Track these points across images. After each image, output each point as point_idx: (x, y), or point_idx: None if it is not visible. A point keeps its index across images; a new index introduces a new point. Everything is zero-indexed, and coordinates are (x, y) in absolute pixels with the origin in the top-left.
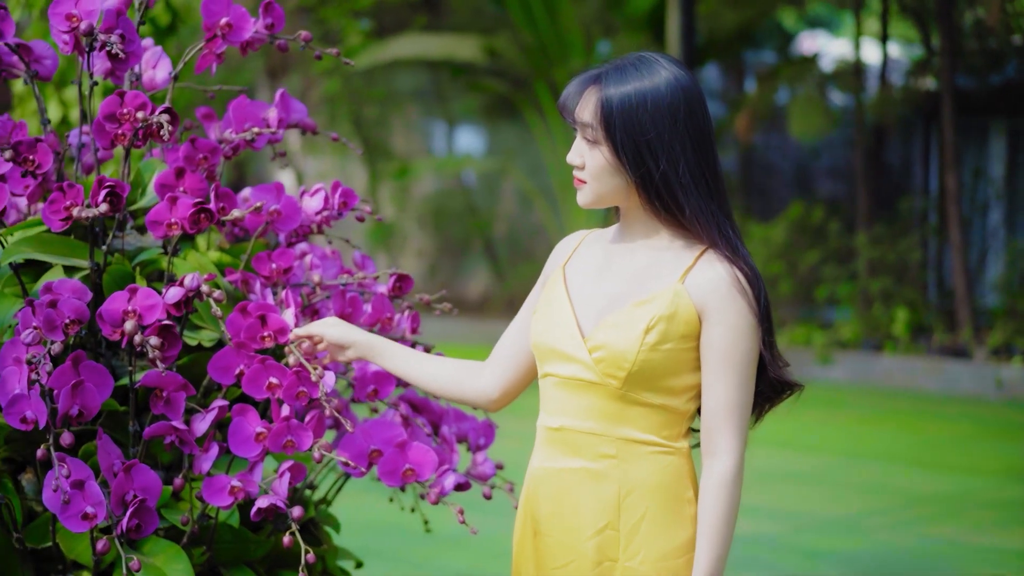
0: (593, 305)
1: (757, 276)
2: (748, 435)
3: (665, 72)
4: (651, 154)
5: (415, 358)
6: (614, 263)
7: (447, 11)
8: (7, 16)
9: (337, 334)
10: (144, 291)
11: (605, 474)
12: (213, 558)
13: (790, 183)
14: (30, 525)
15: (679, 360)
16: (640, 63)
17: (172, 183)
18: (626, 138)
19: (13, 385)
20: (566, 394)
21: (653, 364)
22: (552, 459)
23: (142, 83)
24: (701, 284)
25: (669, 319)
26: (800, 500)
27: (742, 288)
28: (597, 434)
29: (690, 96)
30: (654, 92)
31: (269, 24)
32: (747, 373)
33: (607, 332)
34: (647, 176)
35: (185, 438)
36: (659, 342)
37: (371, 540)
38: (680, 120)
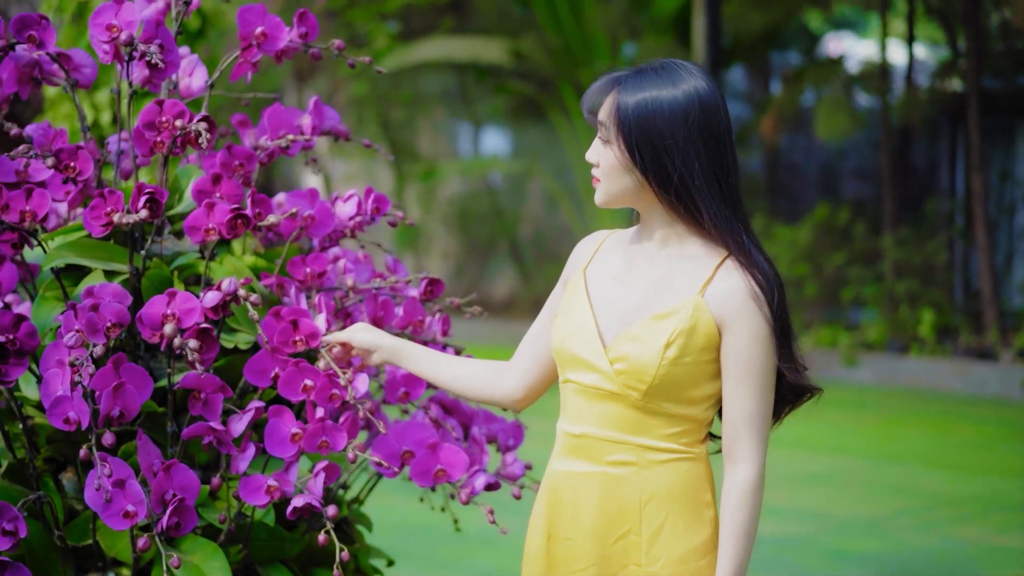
0: (614, 313)
1: (772, 284)
2: (769, 440)
3: (685, 80)
4: (668, 156)
5: (440, 360)
6: (634, 269)
7: (474, 14)
8: (49, 26)
9: (364, 339)
10: (183, 295)
11: (625, 480)
12: (249, 556)
13: (816, 184)
14: (71, 523)
15: (699, 372)
16: (662, 69)
17: (209, 189)
18: (641, 140)
19: (56, 387)
20: (587, 402)
21: (673, 377)
22: (573, 464)
23: (179, 91)
24: (720, 296)
25: (689, 332)
26: (825, 501)
27: (759, 299)
28: (617, 441)
29: (706, 104)
30: (670, 98)
31: (303, 33)
32: (767, 383)
33: (628, 344)
34: (665, 179)
35: (223, 438)
36: (679, 356)
37: (402, 539)
38: (694, 127)
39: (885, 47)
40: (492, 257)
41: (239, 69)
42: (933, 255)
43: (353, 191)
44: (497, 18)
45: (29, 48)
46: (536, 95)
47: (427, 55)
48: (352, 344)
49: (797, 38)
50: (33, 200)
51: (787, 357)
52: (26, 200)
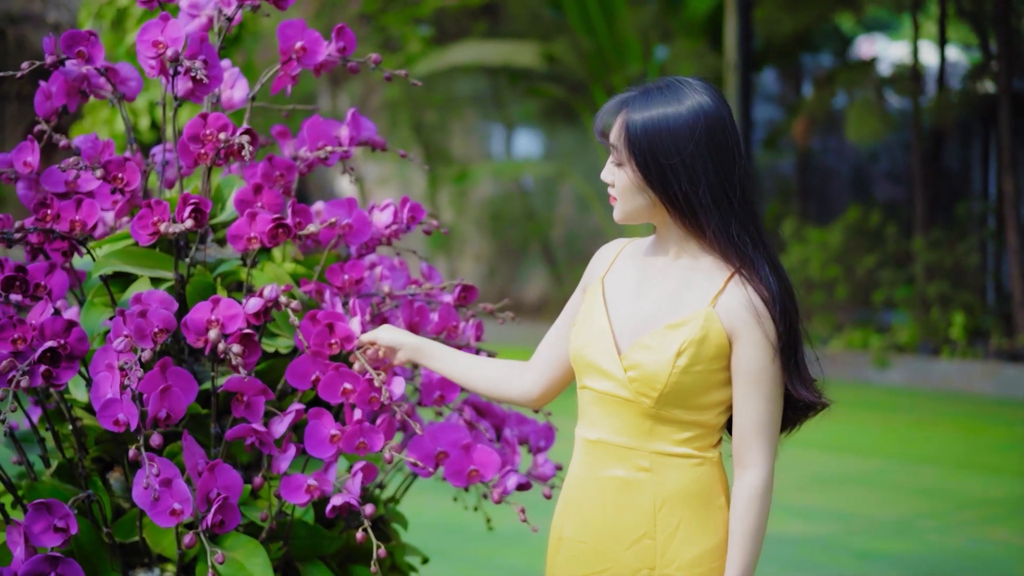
0: (629, 323)
1: (777, 299)
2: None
3: (690, 96)
4: (674, 175)
5: (459, 359)
6: (649, 279)
7: (506, 17)
8: (97, 41)
9: (387, 338)
10: (226, 301)
11: (640, 485)
12: (289, 553)
13: (847, 187)
14: (118, 520)
15: (710, 380)
16: (667, 87)
17: (251, 199)
18: (650, 159)
19: (105, 390)
20: (602, 409)
21: (684, 385)
22: (591, 469)
23: (221, 103)
24: (730, 307)
25: (700, 342)
26: (853, 502)
27: (763, 313)
28: (631, 448)
29: (713, 119)
30: (675, 115)
31: (341, 47)
32: (775, 392)
33: (640, 353)
34: (673, 196)
35: (264, 439)
36: (690, 365)
37: (436, 538)
38: (701, 142)
39: (917, 49)
40: (524, 259)
41: (279, 82)
42: (964, 257)
43: (389, 200)
44: (529, 22)
45: (78, 63)
46: (568, 98)
47: (460, 59)
48: (377, 343)
49: (829, 40)
50: (82, 210)
51: (793, 371)
52: (76, 210)
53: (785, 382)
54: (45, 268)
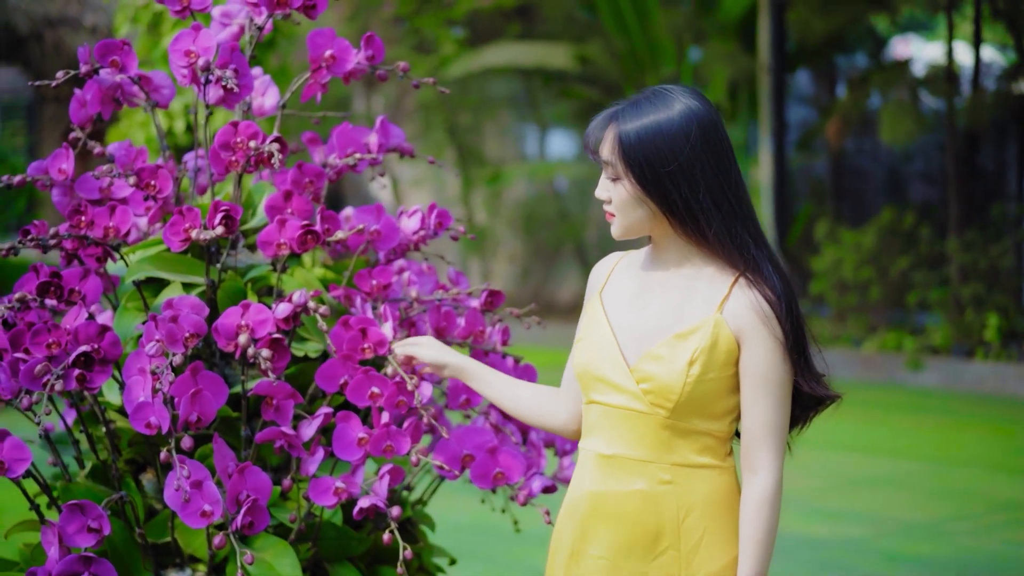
0: (633, 335)
1: (783, 298)
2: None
3: (679, 102)
4: (672, 182)
5: (501, 383)
6: (649, 291)
7: (540, 19)
8: (130, 51)
9: (430, 356)
10: (256, 307)
11: (663, 498)
12: (318, 554)
13: (881, 188)
14: (151, 521)
15: (722, 387)
16: (654, 96)
17: (281, 205)
18: (646, 169)
19: (138, 393)
20: (615, 423)
21: (699, 394)
22: (606, 484)
23: (252, 110)
24: (736, 312)
25: (710, 349)
26: (884, 504)
27: (770, 314)
28: (650, 461)
29: (704, 121)
30: (668, 122)
31: (370, 56)
32: (783, 394)
33: (652, 364)
34: (672, 204)
35: (293, 442)
36: (703, 373)
37: (464, 539)
38: (697, 145)
39: (952, 50)
40: (558, 260)
41: (309, 90)
42: (999, 259)
43: (417, 207)
44: (563, 23)
45: (112, 72)
46: (602, 99)
47: (493, 61)
48: (419, 359)
49: (863, 41)
50: (116, 216)
51: (803, 367)
52: (109, 216)
53: (796, 379)
54: (79, 273)
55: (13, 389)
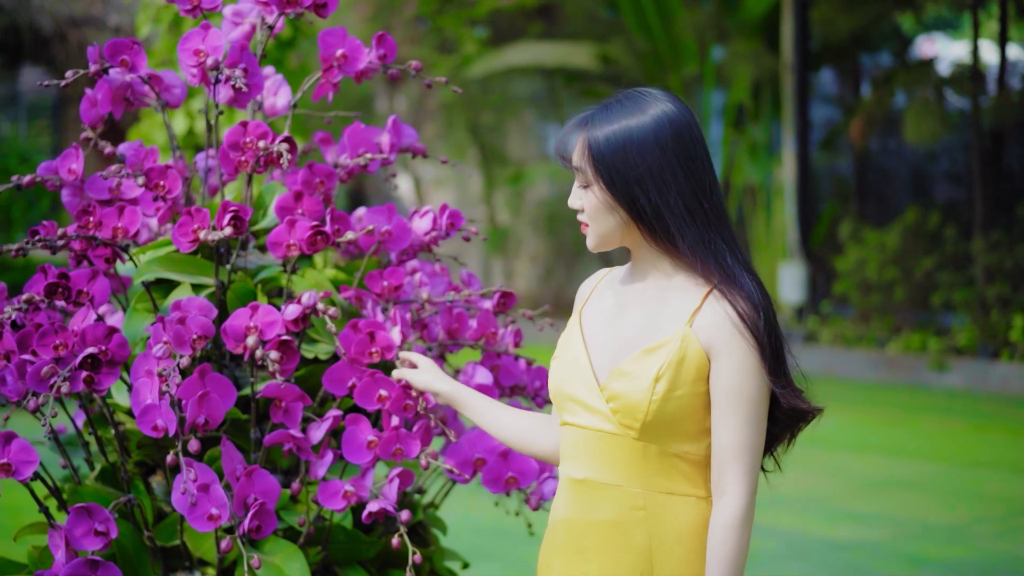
0: (606, 351)
1: (759, 308)
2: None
3: (652, 104)
4: (641, 187)
5: (491, 412)
6: (626, 305)
7: (562, 18)
8: (140, 50)
9: (422, 383)
10: (265, 308)
11: (634, 527)
12: (328, 557)
13: (906, 188)
14: (160, 524)
15: (694, 405)
16: (626, 99)
17: (291, 206)
18: (615, 175)
19: (145, 395)
20: (588, 445)
21: (667, 413)
22: (579, 511)
23: (263, 110)
24: (707, 324)
25: (678, 364)
26: (907, 507)
27: (744, 326)
28: (622, 486)
29: (678, 125)
30: (639, 126)
31: (382, 55)
32: (755, 412)
33: (619, 381)
34: (641, 210)
35: (302, 445)
36: (670, 389)
37: (479, 541)
38: (669, 150)
39: (977, 48)
40: (580, 260)
41: (320, 89)
42: None
43: (428, 207)
44: (585, 23)
45: (122, 71)
46: None
47: (516, 60)
48: (412, 383)
49: (888, 40)
50: (124, 217)
51: (781, 380)
52: (118, 217)
53: (775, 393)
54: (88, 275)
55: (20, 391)
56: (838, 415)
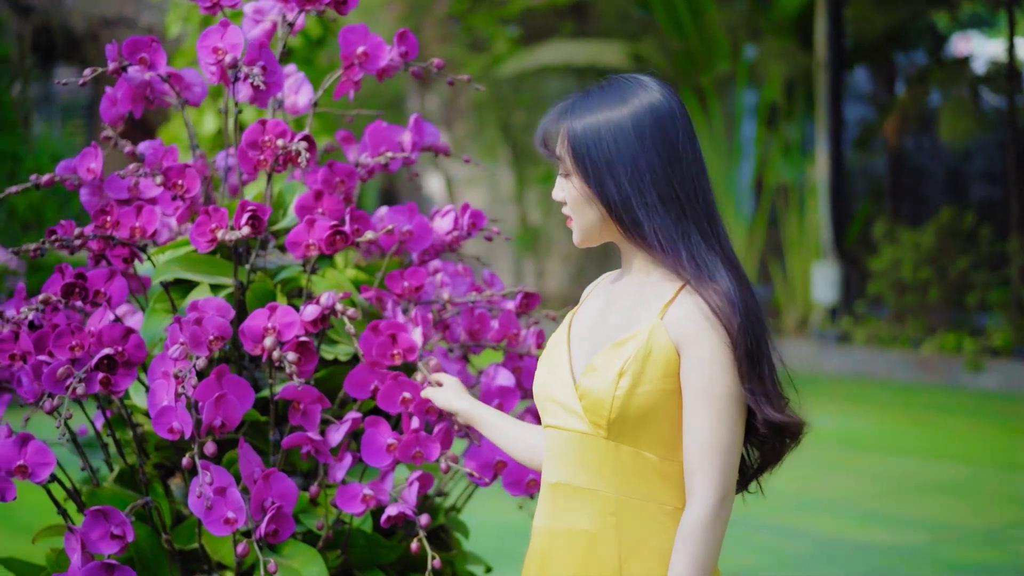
0: (585, 350)
1: (735, 305)
2: (732, 479)
3: (635, 93)
4: (612, 176)
5: (506, 429)
6: (611, 302)
7: (594, 17)
8: (159, 48)
9: (442, 401)
10: (283, 309)
11: (604, 537)
12: (347, 561)
13: (941, 187)
14: (178, 527)
15: (663, 403)
16: (609, 86)
17: (311, 205)
18: (588, 164)
19: (161, 397)
20: (563, 447)
21: (633, 410)
22: (552, 518)
23: (284, 108)
24: (678, 317)
25: (644, 359)
26: (942, 510)
27: (714, 320)
28: (594, 491)
29: (660, 113)
30: (618, 116)
31: (403, 52)
32: (727, 409)
33: (589, 377)
34: (611, 200)
35: (320, 448)
36: (634, 385)
37: (502, 544)
38: (646, 138)
39: (1013, 46)
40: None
41: (341, 87)
42: None
43: (450, 207)
44: (617, 21)
45: (141, 69)
46: None
47: (547, 59)
48: (434, 403)
49: (923, 38)
50: (142, 216)
51: (755, 384)
52: (136, 216)
53: (748, 403)
54: (105, 275)
55: (36, 392)
56: (871, 416)
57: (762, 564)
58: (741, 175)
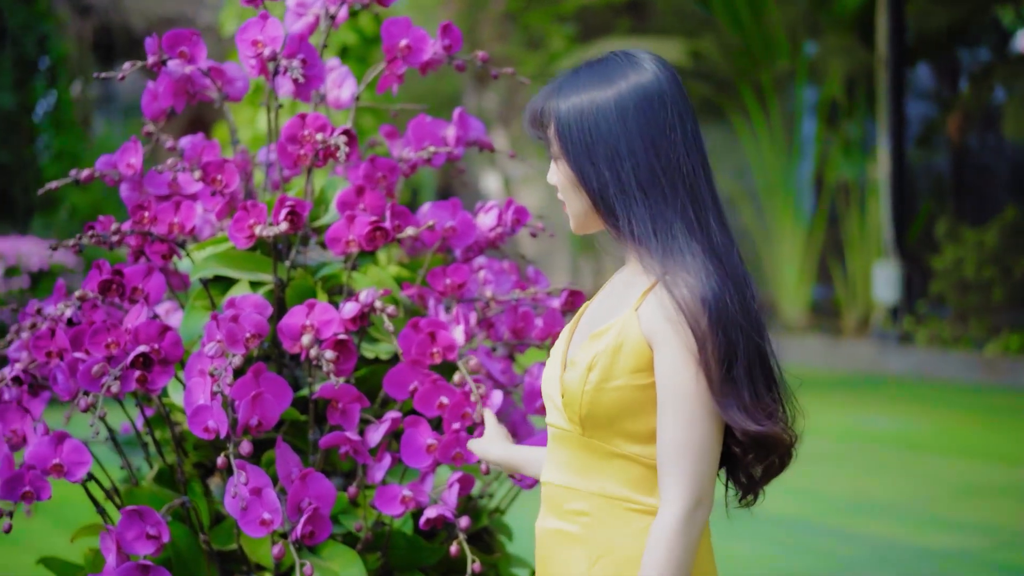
0: (578, 343)
1: (707, 303)
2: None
3: (622, 70)
4: (592, 161)
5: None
6: (606, 294)
7: (651, 13)
8: (199, 41)
9: (479, 451)
10: (322, 306)
11: (577, 537)
12: (388, 564)
13: (1005, 185)
14: (217, 527)
15: (636, 399)
16: (598, 64)
17: (353, 201)
18: (572, 146)
19: (197, 395)
20: (551, 444)
21: (604, 405)
22: (543, 518)
23: (327, 103)
24: (651, 311)
25: (614, 352)
26: (1004, 514)
27: (680, 317)
28: (573, 489)
29: (646, 93)
30: (603, 94)
31: (447, 45)
32: (696, 411)
33: (569, 371)
34: (590, 186)
35: (358, 448)
36: (604, 379)
37: None
38: (630, 120)
39: None
40: None
41: (385, 81)
42: None
43: (494, 203)
44: (675, 18)
45: (181, 63)
46: (714, 96)
47: None
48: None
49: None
50: (181, 212)
51: (728, 391)
52: (175, 212)
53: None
54: (143, 271)
55: (72, 390)
56: (932, 418)
57: (817, 567)
58: (801, 173)
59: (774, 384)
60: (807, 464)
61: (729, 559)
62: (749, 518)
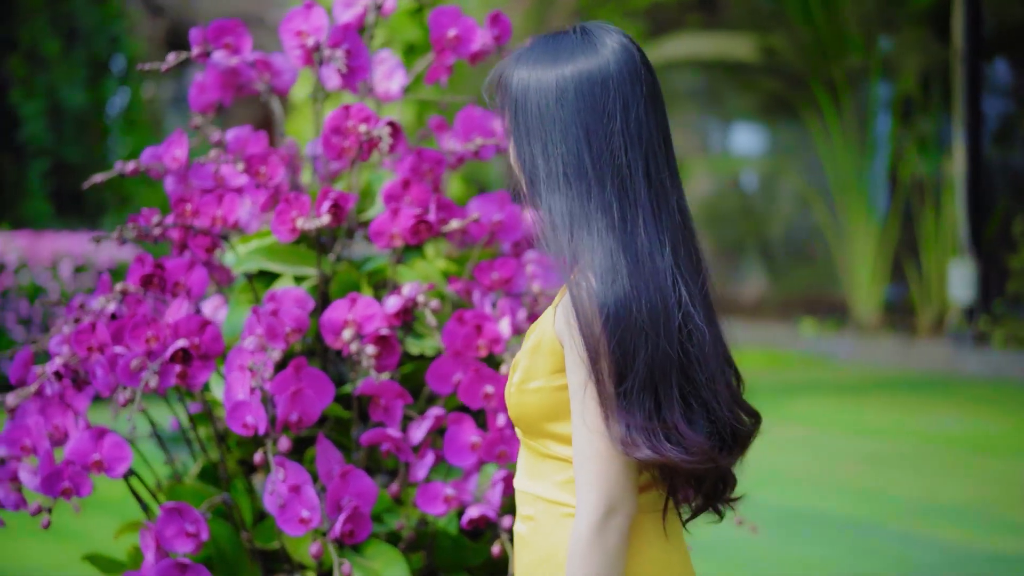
0: None
1: (603, 307)
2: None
3: (570, 50)
4: (529, 143)
5: None
6: None
7: (722, 9)
8: (244, 32)
9: None
10: (365, 300)
11: (527, 540)
12: (432, 563)
13: None
14: (259, 525)
15: (556, 400)
16: (553, 38)
17: (399, 194)
18: (514, 125)
19: (237, 391)
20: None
21: (529, 407)
22: (515, 522)
23: (376, 94)
24: (562, 310)
25: (533, 352)
26: None
27: (574, 322)
28: (524, 492)
29: (590, 77)
30: (547, 73)
31: (496, 35)
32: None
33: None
34: (524, 167)
35: (400, 445)
36: (524, 380)
37: None
38: (568, 104)
39: None
40: (741, 258)
41: (433, 73)
42: None
43: None
44: (746, 14)
45: (226, 55)
46: (786, 92)
47: (674, 53)
48: None
49: None
50: (224, 205)
51: (617, 408)
52: (218, 205)
53: (605, 418)
54: (186, 265)
55: (111, 385)
56: (1006, 420)
57: (886, 571)
58: (875, 170)
59: (694, 403)
60: (877, 466)
61: (795, 563)
62: (815, 521)
